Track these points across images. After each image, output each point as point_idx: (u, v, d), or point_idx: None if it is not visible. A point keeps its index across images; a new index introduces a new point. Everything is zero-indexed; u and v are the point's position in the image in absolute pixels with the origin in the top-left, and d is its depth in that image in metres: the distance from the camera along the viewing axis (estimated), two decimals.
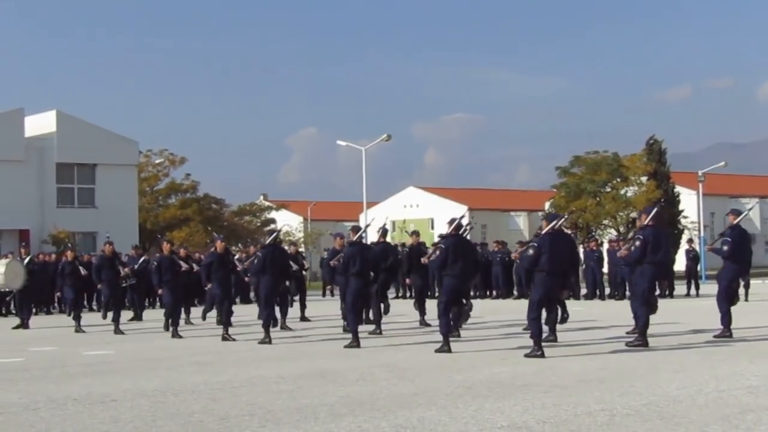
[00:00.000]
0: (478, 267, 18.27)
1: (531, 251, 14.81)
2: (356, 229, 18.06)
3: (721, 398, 10.25)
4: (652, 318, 15.92)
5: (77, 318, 22.72)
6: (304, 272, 25.52)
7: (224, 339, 18.75)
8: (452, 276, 15.65)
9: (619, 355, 14.52)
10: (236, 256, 34.51)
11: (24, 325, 24.44)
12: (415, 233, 21.85)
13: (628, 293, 23.62)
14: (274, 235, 19.27)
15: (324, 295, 40.00)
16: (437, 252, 15.82)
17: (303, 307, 24.29)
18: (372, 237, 21.76)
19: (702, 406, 9.82)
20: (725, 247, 17.20)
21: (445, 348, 15.31)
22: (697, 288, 33.93)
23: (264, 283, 18.50)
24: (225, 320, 19.09)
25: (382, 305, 19.78)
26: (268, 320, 18.23)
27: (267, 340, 17.90)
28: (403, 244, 37.29)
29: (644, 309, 15.64)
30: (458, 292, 15.85)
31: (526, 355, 14.32)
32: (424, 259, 17.72)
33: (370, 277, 18.02)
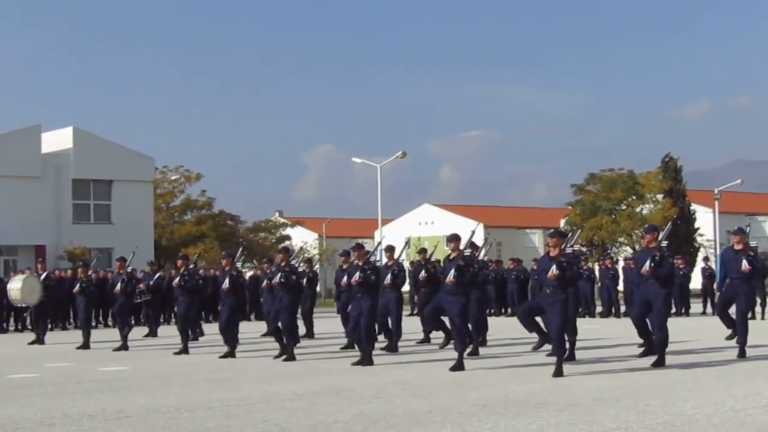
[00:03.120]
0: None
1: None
2: (359, 248, 17.94)
3: (738, 417, 10.20)
4: (670, 337, 15.85)
5: (88, 335, 22.70)
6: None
7: (227, 356, 18.83)
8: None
9: (634, 374, 14.47)
10: (250, 273, 34.65)
11: (40, 340, 24.50)
12: (423, 251, 21.83)
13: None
14: (294, 254, 19.37)
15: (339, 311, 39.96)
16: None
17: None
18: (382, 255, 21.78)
19: (718, 425, 9.77)
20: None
21: (460, 366, 15.29)
22: (713, 306, 33.78)
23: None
24: (232, 341, 19.10)
25: (389, 324, 19.75)
26: (291, 338, 18.29)
27: (290, 355, 17.95)
28: (414, 263, 37.25)
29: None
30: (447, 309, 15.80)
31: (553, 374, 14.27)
32: (422, 275, 17.86)
33: (378, 295, 17.98)
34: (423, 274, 20.54)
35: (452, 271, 15.49)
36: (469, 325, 18.34)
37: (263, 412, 11.23)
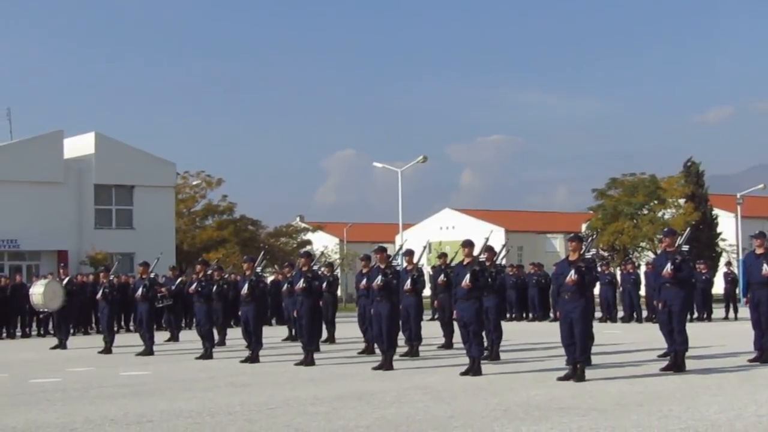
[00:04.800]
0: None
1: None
2: (381, 251, 17.91)
3: (761, 422, 10.14)
4: (692, 341, 15.78)
5: (112, 340, 22.83)
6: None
7: (249, 361, 18.87)
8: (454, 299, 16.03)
9: (657, 379, 14.41)
10: (271, 278, 34.68)
11: (62, 345, 24.59)
12: (443, 255, 21.77)
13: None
14: (314, 260, 19.40)
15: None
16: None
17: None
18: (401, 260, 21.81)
19: (741, 430, 9.72)
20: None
21: (477, 371, 15.28)
22: (736, 311, 33.62)
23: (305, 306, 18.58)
24: (256, 345, 19.15)
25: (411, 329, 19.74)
26: (311, 343, 18.32)
27: (310, 361, 17.96)
28: (435, 267, 37.19)
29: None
30: (459, 317, 15.81)
31: (560, 378, 14.26)
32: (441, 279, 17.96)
33: (398, 299, 17.95)
34: (442, 278, 20.52)
35: (468, 276, 15.49)
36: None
37: (284, 417, 11.24)
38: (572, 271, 14.41)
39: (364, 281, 18.65)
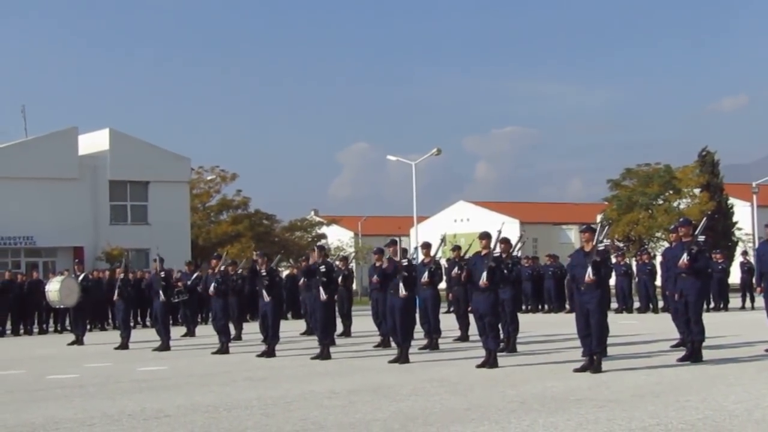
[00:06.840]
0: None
1: None
2: (393, 243, 17.89)
3: None
4: (708, 332, 15.74)
5: (129, 335, 22.89)
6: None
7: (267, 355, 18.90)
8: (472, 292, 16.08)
9: (673, 369, 14.38)
10: (286, 272, 34.68)
11: (79, 341, 24.66)
12: (457, 248, 21.74)
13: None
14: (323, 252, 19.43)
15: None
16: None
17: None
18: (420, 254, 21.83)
19: (759, 420, 9.69)
20: None
21: (493, 363, 15.28)
22: (752, 300, 33.49)
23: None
24: (272, 339, 19.19)
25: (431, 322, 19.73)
26: (326, 336, 18.33)
27: (326, 355, 17.96)
28: (449, 260, 37.13)
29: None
30: (475, 309, 15.82)
31: (576, 370, 14.25)
32: (455, 272, 18.03)
33: (413, 292, 17.91)
34: (456, 271, 20.49)
35: (484, 274, 15.46)
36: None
37: (301, 411, 11.26)
38: (589, 270, 14.34)
39: (376, 275, 18.64)
